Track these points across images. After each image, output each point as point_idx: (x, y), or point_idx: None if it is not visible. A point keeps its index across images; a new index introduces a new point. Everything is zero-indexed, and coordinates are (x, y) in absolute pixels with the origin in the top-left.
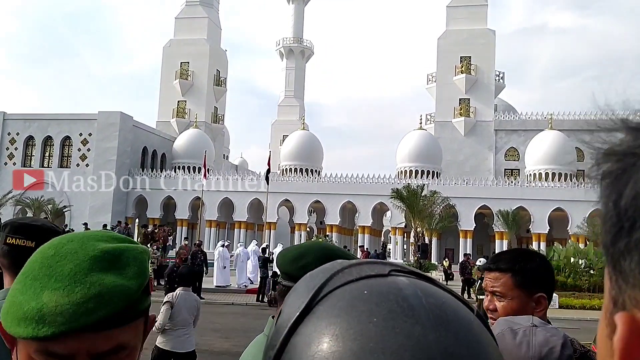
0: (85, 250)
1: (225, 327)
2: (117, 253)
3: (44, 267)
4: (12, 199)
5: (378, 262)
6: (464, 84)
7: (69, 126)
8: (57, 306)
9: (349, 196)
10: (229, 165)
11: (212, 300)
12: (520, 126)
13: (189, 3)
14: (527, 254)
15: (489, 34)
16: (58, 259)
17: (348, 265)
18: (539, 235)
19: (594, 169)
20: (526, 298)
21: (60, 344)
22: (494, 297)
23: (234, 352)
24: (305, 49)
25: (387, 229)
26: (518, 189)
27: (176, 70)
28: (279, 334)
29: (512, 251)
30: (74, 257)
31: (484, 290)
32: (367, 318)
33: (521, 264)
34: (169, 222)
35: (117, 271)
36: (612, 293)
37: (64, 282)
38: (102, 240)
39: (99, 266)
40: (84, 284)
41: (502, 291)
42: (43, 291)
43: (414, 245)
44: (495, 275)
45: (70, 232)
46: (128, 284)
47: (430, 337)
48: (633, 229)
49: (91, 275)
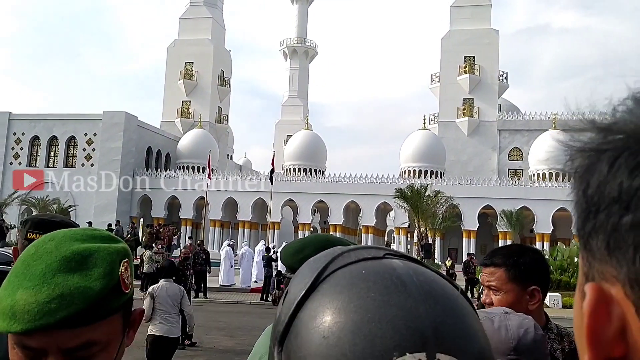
0: (59, 251)
1: (229, 325)
2: (86, 254)
3: (23, 266)
4: (17, 199)
5: (373, 247)
6: (468, 84)
7: (74, 126)
8: (25, 304)
9: (352, 196)
10: (233, 165)
11: (217, 299)
12: (524, 126)
13: (193, 3)
14: (521, 249)
15: (493, 34)
16: (35, 258)
17: (347, 249)
18: (543, 235)
19: (568, 164)
20: (520, 291)
21: (32, 339)
22: (490, 291)
23: (238, 350)
24: (309, 49)
25: (390, 228)
26: (522, 189)
27: (180, 70)
28: (288, 309)
29: (507, 247)
30: (48, 258)
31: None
32: (366, 293)
33: (515, 259)
34: (173, 221)
35: (82, 272)
36: (584, 269)
37: (34, 281)
38: (79, 240)
39: (66, 267)
40: (50, 284)
41: (497, 285)
42: (18, 289)
43: (417, 245)
44: (490, 270)
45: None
46: (91, 284)
47: (421, 308)
48: (598, 212)
49: (57, 276)
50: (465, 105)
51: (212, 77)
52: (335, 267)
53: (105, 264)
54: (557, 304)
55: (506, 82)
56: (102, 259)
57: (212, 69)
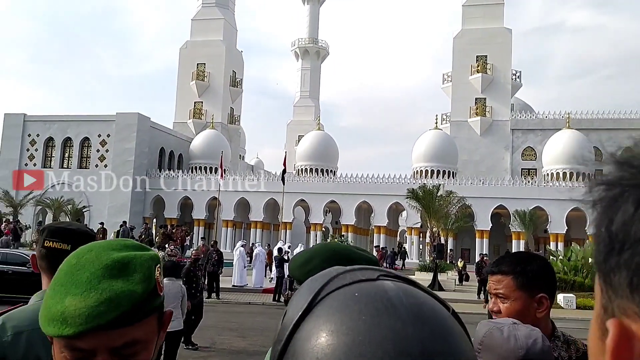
0: (100, 260)
1: (241, 326)
2: (125, 261)
3: (68, 275)
4: (32, 200)
5: (369, 268)
6: (480, 84)
7: (88, 127)
8: (75, 309)
9: (364, 196)
10: (245, 165)
11: (229, 300)
12: (537, 125)
13: (205, 4)
14: (528, 257)
15: (506, 33)
16: (78, 267)
17: (343, 271)
18: (557, 235)
19: (588, 195)
20: (528, 299)
21: (82, 341)
22: (497, 299)
23: (251, 351)
24: (320, 50)
25: (402, 228)
26: (535, 189)
27: (193, 71)
28: (285, 330)
29: (514, 254)
30: (91, 266)
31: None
32: (357, 316)
33: (522, 266)
34: (186, 222)
35: (125, 277)
36: (603, 302)
37: (82, 288)
38: (116, 250)
39: (109, 274)
40: (97, 290)
41: (505, 293)
42: (66, 296)
43: (429, 245)
44: (497, 278)
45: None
46: (134, 288)
47: (409, 330)
48: (622, 250)
49: (103, 282)
50: (477, 105)
51: (224, 77)
52: (331, 289)
53: (144, 270)
54: (572, 305)
55: (519, 81)
56: (140, 265)
57: (224, 69)
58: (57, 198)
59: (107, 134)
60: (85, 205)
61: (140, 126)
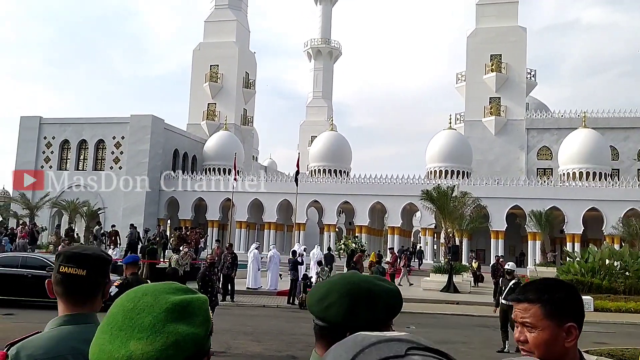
0: (159, 303)
1: (256, 330)
2: (184, 304)
3: (127, 319)
4: (48, 202)
5: (396, 339)
6: (495, 83)
7: (103, 130)
8: (143, 354)
9: (378, 197)
10: (258, 166)
11: (243, 303)
12: (552, 124)
13: (217, 6)
14: (555, 284)
15: (520, 31)
16: (138, 311)
17: (369, 344)
18: (573, 235)
19: None
20: (556, 328)
21: None
22: (524, 328)
23: (266, 356)
24: (333, 50)
25: (416, 229)
26: (551, 189)
27: (206, 73)
28: None
29: (539, 281)
30: (151, 310)
31: (514, 321)
32: None
33: (550, 294)
34: (200, 223)
35: (187, 320)
36: None
37: (146, 332)
38: (171, 293)
39: (172, 317)
40: (163, 333)
41: (532, 322)
42: (129, 340)
43: (444, 246)
44: (524, 307)
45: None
46: (197, 331)
47: None
48: None
49: (168, 325)
50: (492, 104)
51: (237, 79)
52: None
53: (203, 312)
54: (589, 308)
55: (534, 79)
56: (198, 307)
57: (237, 71)
58: (73, 200)
59: (122, 136)
60: (101, 207)
61: (154, 128)
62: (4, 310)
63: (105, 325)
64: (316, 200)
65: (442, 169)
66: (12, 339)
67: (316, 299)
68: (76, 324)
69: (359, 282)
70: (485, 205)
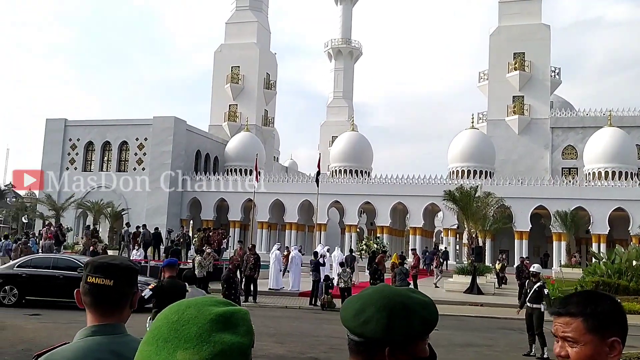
0: (203, 315)
1: (279, 331)
2: (228, 315)
3: (172, 331)
4: (73, 203)
5: None
6: (518, 81)
7: (126, 131)
8: None
9: (399, 197)
10: (279, 167)
11: (266, 304)
12: (577, 123)
13: (238, 8)
14: (597, 296)
15: (544, 29)
16: (183, 323)
17: None
18: (599, 236)
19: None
20: (600, 343)
21: None
22: (565, 343)
23: (290, 358)
24: (353, 50)
25: (439, 229)
26: (576, 189)
27: (227, 74)
28: None
29: (581, 294)
30: (196, 321)
31: (554, 335)
32: None
33: (593, 307)
34: (222, 223)
35: (232, 330)
36: None
37: (193, 342)
38: (213, 305)
39: (217, 327)
40: (210, 343)
41: (575, 337)
42: (176, 351)
43: (467, 246)
44: (565, 320)
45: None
46: (242, 340)
47: None
48: None
49: (213, 335)
50: (515, 103)
51: (257, 80)
52: None
53: (247, 322)
54: None
55: (558, 78)
56: (241, 318)
57: (257, 72)
58: (97, 201)
59: (145, 137)
60: (124, 208)
61: (176, 129)
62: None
63: (149, 338)
64: (337, 200)
65: (464, 168)
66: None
67: (352, 314)
68: (103, 335)
69: (393, 295)
70: (509, 206)
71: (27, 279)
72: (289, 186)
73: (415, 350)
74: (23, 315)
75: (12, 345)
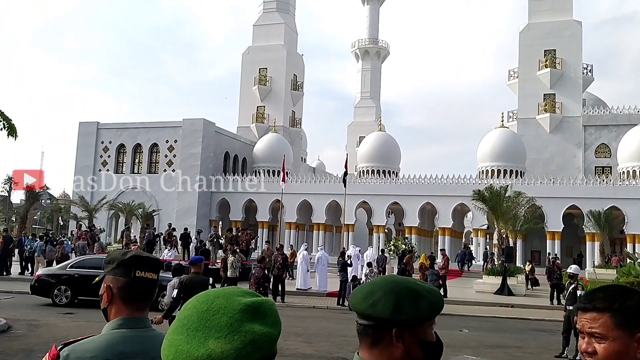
0: (232, 305)
1: (307, 331)
2: (256, 305)
3: (202, 320)
4: (106, 204)
5: None
6: (549, 79)
7: (156, 134)
8: (222, 352)
9: (428, 197)
10: (307, 167)
11: (294, 304)
12: (611, 121)
13: (266, 10)
14: (624, 291)
15: (575, 26)
16: (213, 312)
17: None
18: (634, 236)
19: None
20: (628, 339)
21: None
22: (592, 339)
23: (318, 357)
24: (380, 50)
25: (468, 230)
26: (610, 188)
27: (255, 76)
28: None
29: (607, 288)
30: (226, 311)
31: (579, 332)
32: None
33: (620, 302)
34: (250, 224)
35: (261, 321)
36: None
37: (224, 331)
38: (241, 295)
39: (246, 317)
40: (241, 332)
41: (602, 332)
42: (207, 340)
43: (497, 247)
44: (592, 316)
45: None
46: (271, 330)
47: None
48: None
49: (244, 325)
50: (546, 101)
51: (285, 81)
52: None
53: (274, 313)
54: None
55: (590, 75)
56: (269, 308)
57: (285, 73)
58: (129, 202)
59: (175, 139)
60: (155, 209)
61: (205, 131)
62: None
63: (179, 327)
64: (365, 201)
65: (494, 168)
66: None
67: (360, 297)
68: (129, 328)
69: (400, 280)
70: (541, 206)
71: (79, 279)
72: (317, 187)
73: (422, 333)
74: (57, 314)
75: (46, 342)
